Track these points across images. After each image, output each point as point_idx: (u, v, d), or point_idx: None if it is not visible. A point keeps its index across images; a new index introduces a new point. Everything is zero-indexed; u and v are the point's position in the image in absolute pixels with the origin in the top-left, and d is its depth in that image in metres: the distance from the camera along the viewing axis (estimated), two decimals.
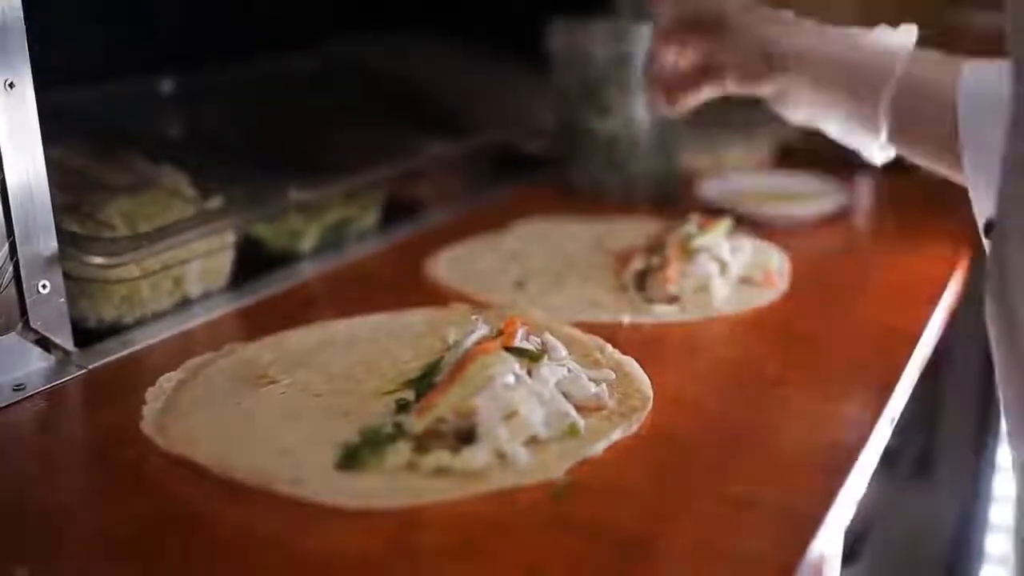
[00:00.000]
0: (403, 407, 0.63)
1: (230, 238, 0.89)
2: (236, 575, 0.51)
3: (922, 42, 0.76)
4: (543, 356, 0.64)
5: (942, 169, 0.76)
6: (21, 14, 0.67)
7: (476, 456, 0.57)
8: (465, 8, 1.38)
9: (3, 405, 0.68)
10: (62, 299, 0.73)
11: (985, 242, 0.60)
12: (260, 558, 0.51)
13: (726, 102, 0.91)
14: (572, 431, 0.61)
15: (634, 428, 0.62)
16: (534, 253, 0.98)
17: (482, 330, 0.64)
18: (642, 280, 0.85)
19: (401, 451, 0.58)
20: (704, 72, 0.87)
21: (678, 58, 0.90)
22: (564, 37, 1.15)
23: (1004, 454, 1.31)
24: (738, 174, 1.19)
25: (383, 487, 0.56)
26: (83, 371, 0.73)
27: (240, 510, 0.55)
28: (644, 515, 0.54)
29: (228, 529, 0.54)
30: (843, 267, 0.94)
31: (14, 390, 0.69)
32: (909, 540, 1.16)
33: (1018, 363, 0.50)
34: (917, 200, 0.66)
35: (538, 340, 0.66)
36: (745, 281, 0.87)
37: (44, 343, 0.73)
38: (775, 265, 0.91)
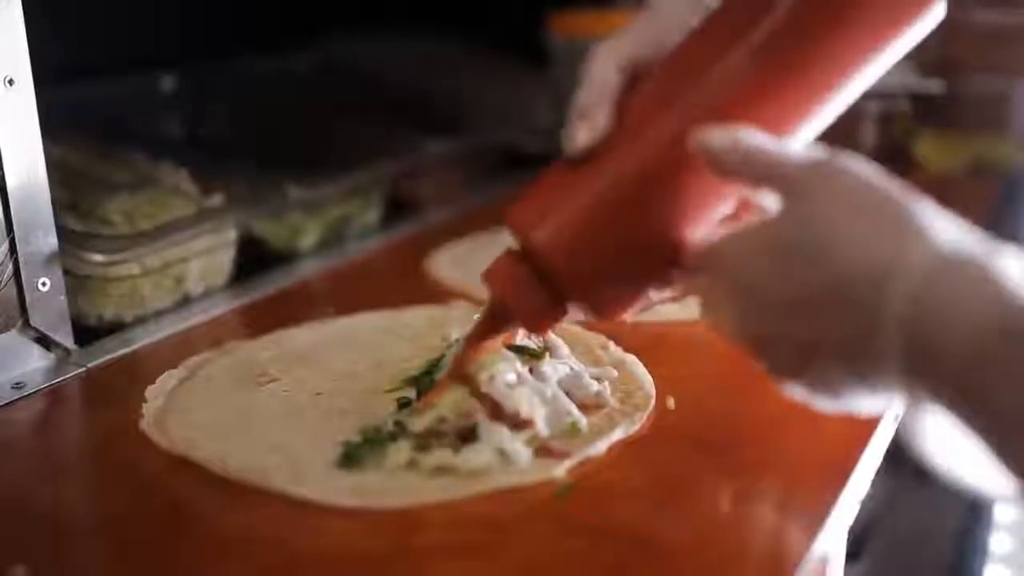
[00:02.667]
0: (404, 405, 0.63)
1: (231, 236, 0.89)
2: (236, 574, 0.50)
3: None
4: (545, 354, 0.63)
5: None
6: (21, 10, 0.67)
7: (477, 455, 0.56)
8: (465, 5, 1.38)
9: (2, 404, 0.67)
10: (62, 297, 0.73)
11: None
12: (260, 557, 0.51)
13: None
14: (574, 430, 0.60)
15: (636, 427, 0.62)
16: None
17: None
18: None
19: (402, 450, 0.57)
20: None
21: None
22: (565, 34, 1.15)
23: None
24: None
25: (383, 486, 0.55)
26: (83, 369, 0.73)
27: (240, 509, 0.55)
28: (647, 514, 0.54)
29: (228, 528, 0.54)
30: None
31: (13, 388, 0.69)
32: (912, 538, 1.15)
33: None
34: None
35: (539, 339, 0.66)
36: None
37: (44, 341, 0.72)
38: None
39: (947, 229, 0.43)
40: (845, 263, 0.43)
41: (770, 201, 0.49)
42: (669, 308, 0.81)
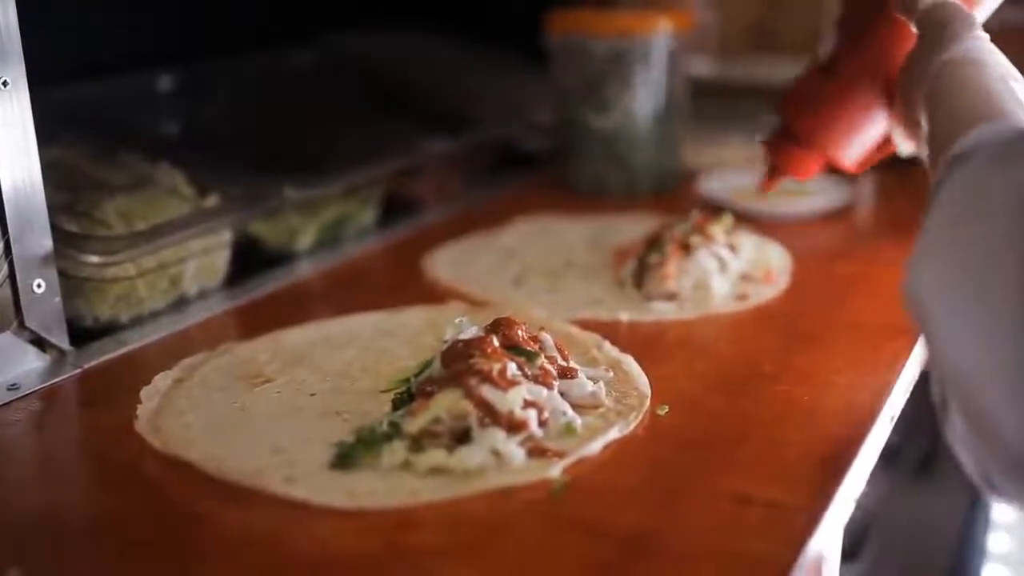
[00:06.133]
0: (399, 406, 0.62)
1: (227, 236, 0.89)
2: (230, 575, 0.50)
3: None
4: (540, 356, 0.63)
5: None
6: (15, 11, 0.67)
7: (472, 455, 0.56)
8: (464, 3, 1.38)
9: None
10: (57, 298, 0.72)
11: None
12: (254, 558, 0.51)
13: (728, 96, 0.90)
14: (569, 430, 0.60)
15: (631, 426, 0.62)
16: (532, 250, 0.97)
17: (471, 329, 0.64)
18: (640, 277, 0.84)
19: (396, 450, 0.57)
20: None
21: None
22: (563, 33, 1.15)
23: None
24: (739, 169, 1.18)
25: (378, 487, 0.55)
26: (78, 370, 0.72)
27: (234, 510, 0.55)
28: (641, 514, 0.54)
29: (222, 529, 0.54)
30: (844, 263, 0.93)
31: (8, 390, 0.69)
32: (911, 538, 1.15)
33: None
34: (919, 196, 0.66)
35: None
36: (745, 278, 0.87)
37: (39, 342, 0.72)
38: (775, 262, 0.91)
39: (968, 45, 0.64)
40: (918, 71, 0.66)
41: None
42: (665, 307, 0.82)
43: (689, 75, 1.21)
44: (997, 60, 0.63)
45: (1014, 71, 0.63)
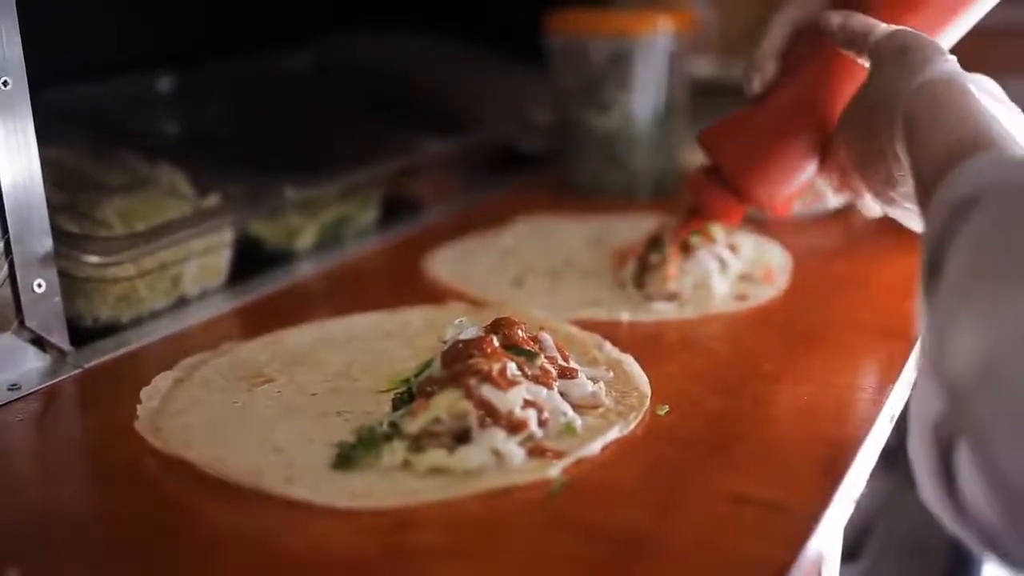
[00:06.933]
0: (399, 406, 0.62)
1: (228, 236, 0.89)
2: (229, 575, 0.50)
3: None
4: (539, 356, 0.63)
5: None
6: (15, 10, 0.67)
7: (472, 455, 0.56)
8: (463, 5, 1.38)
9: None
10: (58, 298, 0.73)
11: None
12: (253, 558, 0.51)
13: (729, 96, 0.90)
14: (569, 430, 0.60)
15: (631, 426, 0.62)
16: (532, 250, 0.98)
17: (471, 330, 0.64)
18: (641, 277, 0.84)
19: (396, 450, 0.57)
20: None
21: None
22: (562, 34, 1.15)
23: None
24: None
25: (378, 487, 0.55)
26: (78, 370, 0.73)
27: (234, 510, 0.55)
28: (640, 514, 0.54)
29: (222, 529, 0.54)
30: (844, 264, 0.93)
31: (9, 390, 0.69)
32: (911, 538, 1.15)
33: None
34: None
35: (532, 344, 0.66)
36: (745, 278, 0.87)
37: (39, 343, 0.72)
38: (776, 262, 0.91)
39: (944, 67, 0.59)
40: (885, 97, 0.62)
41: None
42: (665, 307, 0.82)
43: (689, 75, 1.21)
44: (975, 79, 0.59)
45: (996, 89, 0.60)
